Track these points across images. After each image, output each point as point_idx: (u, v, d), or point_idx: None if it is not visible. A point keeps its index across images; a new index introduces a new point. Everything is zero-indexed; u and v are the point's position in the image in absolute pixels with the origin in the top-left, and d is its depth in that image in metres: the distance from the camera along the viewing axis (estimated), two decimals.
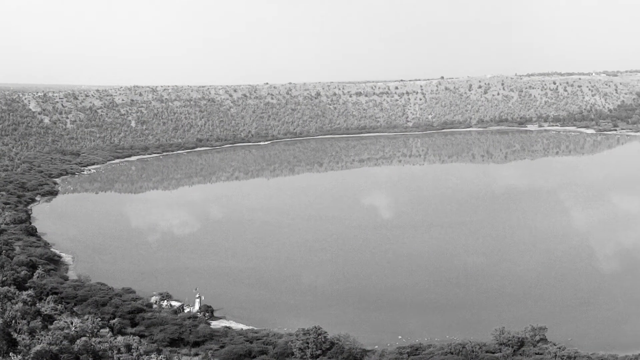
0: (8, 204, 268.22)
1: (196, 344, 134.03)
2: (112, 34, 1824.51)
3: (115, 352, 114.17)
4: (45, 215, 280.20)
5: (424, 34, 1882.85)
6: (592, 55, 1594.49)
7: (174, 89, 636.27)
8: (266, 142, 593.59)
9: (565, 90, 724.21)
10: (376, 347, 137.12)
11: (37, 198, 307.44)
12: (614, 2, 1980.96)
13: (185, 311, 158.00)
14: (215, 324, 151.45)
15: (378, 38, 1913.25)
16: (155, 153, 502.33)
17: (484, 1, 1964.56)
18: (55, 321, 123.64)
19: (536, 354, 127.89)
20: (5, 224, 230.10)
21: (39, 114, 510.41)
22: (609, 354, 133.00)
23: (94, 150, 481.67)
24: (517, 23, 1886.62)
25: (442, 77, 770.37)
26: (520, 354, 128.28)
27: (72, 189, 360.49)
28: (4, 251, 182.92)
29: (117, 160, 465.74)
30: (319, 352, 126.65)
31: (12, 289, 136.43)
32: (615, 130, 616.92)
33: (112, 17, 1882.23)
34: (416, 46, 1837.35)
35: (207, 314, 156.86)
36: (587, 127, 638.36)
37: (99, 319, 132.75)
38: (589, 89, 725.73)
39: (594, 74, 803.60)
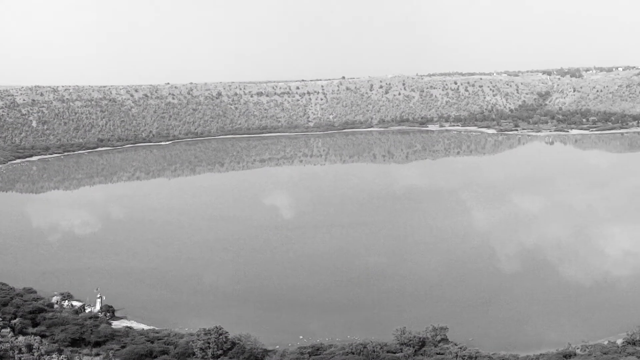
0: None
1: (97, 344, 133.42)
2: (11, 33, 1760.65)
3: (17, 352, 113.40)
4: None
5: (325, 34, 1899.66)
6: (493, 56, 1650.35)
7: (75, 89, 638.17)
8: (167, 142, 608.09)
9: (467, 90, 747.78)
10: (277, 347, 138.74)
11: None
12: (514, 3, 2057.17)
13: (87, 311, 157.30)
14: (116, 324, 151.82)
15: (279, 38, 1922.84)
16: (56, 153, 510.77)
17: (385, 0, 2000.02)
18: None
19: (437, 354, 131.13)
20: None
21: None
22: (510, 354, 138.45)
23: None
24: (418, 23, 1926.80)
25: (344, 77, 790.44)
26: (421, 354, 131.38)
27: None
28: None
29: (18, 161, 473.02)
30: (220, 352, 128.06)
31: None
32: (517, 130, 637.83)
33: (11, 15, 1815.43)
34: (317, 46, 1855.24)
35: (108, 314, 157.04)
36: (488, 127, 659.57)
37: (0, 319, 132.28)
38: (490, 89, 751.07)
39: (495, 74, 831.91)
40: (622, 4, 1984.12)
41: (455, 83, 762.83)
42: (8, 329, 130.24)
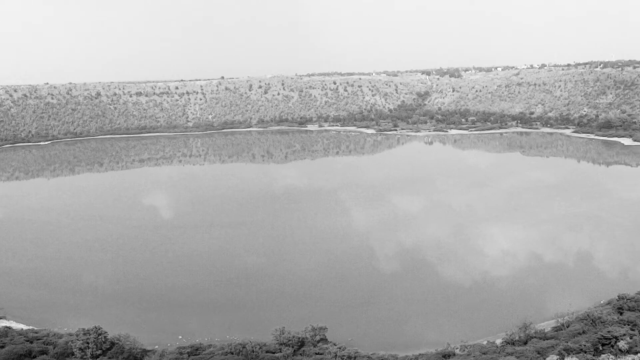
0: None
1: None
2: None
3: None
4: None
5: (205, 34, 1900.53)
6: (372, 56, 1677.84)
7: None
8: (46, 142, 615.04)
9: (346, 90, 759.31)
10: (156, 347, 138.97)
11: None
12: (393, 3, 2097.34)
13: None
14: None
15: (159, 38, 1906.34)
16: None
17: (265, 1, 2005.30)
18: None
19: (316, 354, 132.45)
20: None
21: None
22: (389, 353, 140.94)
23: None
24: (297, 23, 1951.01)
25: (223, 77, 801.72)
26: (300, 354, 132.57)
27: None
28: None
29: None
30: (99, 352, 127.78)
31: None
32: (396, 130, 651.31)
33: None
34: (197, 46, 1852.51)
35: None
36: (367, 127, 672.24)
37: None
38: (370, 89, 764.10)
39: (374, 74, 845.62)
40: (502, 4, 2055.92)
41: (335, 83, 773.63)
42: None
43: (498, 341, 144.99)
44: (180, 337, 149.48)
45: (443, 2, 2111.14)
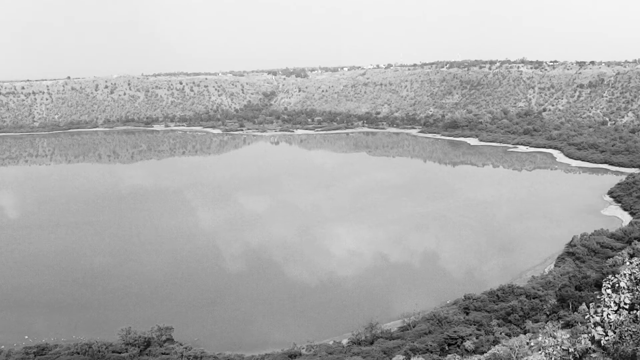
0: None
1: None
2: None
3: None
4: None
5: (50, 33, 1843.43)
6: (218, 55, 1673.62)
7: None
8: None
9: (192, 90, 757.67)
10: (2, 347, 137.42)
11: None
12: (239, 2, 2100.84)
13: None
14: None
15: (3, 37, 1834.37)
16: None
17: (107, 1, 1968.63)
18: None
19: (163, 354, 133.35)
20: None
21: None
22: (236, 353, 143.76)
23: None
24: (142, 22, 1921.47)
25: (69, 77, 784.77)
26: (146, 354, 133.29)
27: None
28: None
29: None
30: None
31: None
32: (242, 130, 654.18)
33: None
34: (42, 46, 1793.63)
35: None
36: (213, 127, 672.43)
37: None
38: (216, 89, 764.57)
39: (220, 74, 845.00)
40: (351, 4, 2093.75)
41: (181, 83, 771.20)
42: None
43: (344, 341, 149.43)
44: (26, 337, 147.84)
45: (288, 2, 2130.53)
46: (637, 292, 27.82)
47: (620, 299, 28.17)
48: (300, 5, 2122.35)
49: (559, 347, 29.84)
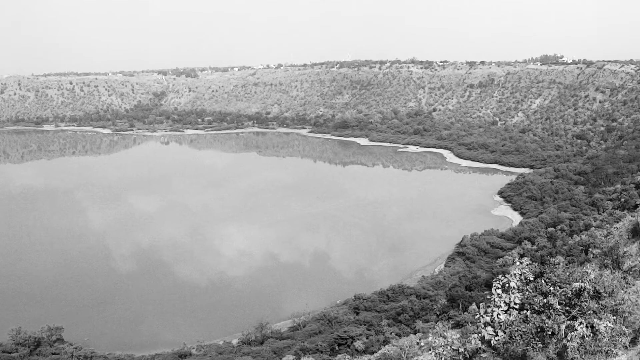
0: None
1: None
2: None
3: None
4: None
5: None
6: (108, 55, 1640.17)
7: None
8: None
9: (82, 91, 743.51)
10: None
11: None
12: (127, 4, 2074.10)
13: None
14: None
15: None
16: None
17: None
18: None
19: (53, 354, 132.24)
20: None
21: None
22: (126, 354, 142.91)
23: None
24: (31, 22, 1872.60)
25: None
26: (37, 354, 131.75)
27: None
28: None
29: None
30: None
31: None
32: (132, 130, 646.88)
33: None
34: None
35: None
36: (104, 127, 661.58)
37: None
38: (106, 89, 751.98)
39: (110, 74, 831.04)
40: (236, 4, 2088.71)
41: (71, 83, 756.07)
42: None
43: (234, 341, 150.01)
44: None
45: (177, 2, 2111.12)
46: (527, 292, 28.36)
47: (510, 299, 28.65)
48: (189, 5, 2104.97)
49: (449, 347, 30.13)
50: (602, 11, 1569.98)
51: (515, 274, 29.17)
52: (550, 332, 25.58)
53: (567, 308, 26.03)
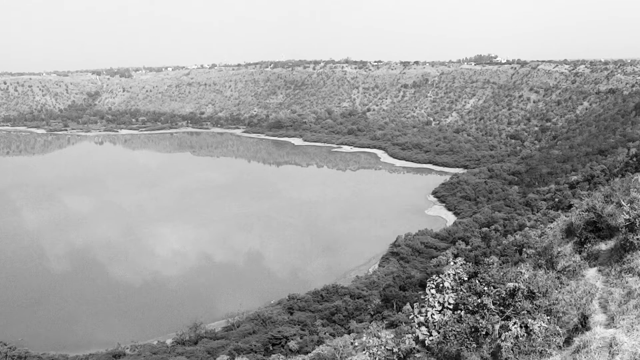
0: None
1: None
2: None
3: None
4: None
5: None
6: (42, 55, 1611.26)
7: None
8: None
9: (16, 90, 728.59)
10: None
11: None
12: (61, 3, 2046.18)
13: None
14: None
15: None
16: None
17: None
18: None
19: None
20: None
21: None
22: (60, 354, 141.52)
23: None
24: None
25: None
26: None
27: None
28: None
29: None
30: None
31: None
32: (66, 130, 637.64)
33: None
34: None
35: None
36: (37, 127, 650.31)
37: None
38: (40, 89, 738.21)
39: (45, 74, 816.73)
40: (170, 5, 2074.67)
41: (5, 83, 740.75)
42: None
43: (169, 341, 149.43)
44: None
45: (112, 2, 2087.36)
46: (461, 292, 28.22)
47: (444, 299, 28.43)
48: (121, 5, 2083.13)
49: (383, 347, 29.83)
50: (536, 12, 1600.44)
51: (449, 274, 29.03)
52: (484, 332, 25.43)
53: (501, 308, 25.92)
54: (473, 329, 25.60)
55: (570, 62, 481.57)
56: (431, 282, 29.04)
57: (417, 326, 28.04)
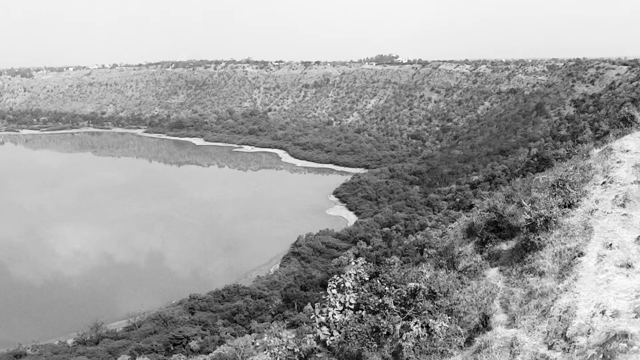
0: None
1: None
2: None
3: None
4: None
5: None
6: None
7: None
8: None
9: None
10: None
11: None
12: None
13: None
14: None
15: None
16: None
17: None
18: None
19: None
20: None
21: None
22: None
23: None
24: None
25: None
26: None
27: None
28: None
29: None
30: None
31: None
32: None
33: None
34: None
35: None
36: None
37: None
38: None
39: None
40: (73, 5, 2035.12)
41: None
42: None
43: (70, 341, 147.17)
44: None
45: (10, 2, 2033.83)
46: (362, 292, 28.01)
47: (345, 299, 28.21)
48: (19, 4, 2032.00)
49: (284, 347, 29.56)
50: (438, 12, 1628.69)
51: (350, 274, 28.97)
52: (385, 332, 25.32)
53: (403, 308, 25.83)
54: (374, 329, 25.47)
55: (472, 62, 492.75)
56: (332, 282, 29.05)
57: (318, 326, 28.06)
